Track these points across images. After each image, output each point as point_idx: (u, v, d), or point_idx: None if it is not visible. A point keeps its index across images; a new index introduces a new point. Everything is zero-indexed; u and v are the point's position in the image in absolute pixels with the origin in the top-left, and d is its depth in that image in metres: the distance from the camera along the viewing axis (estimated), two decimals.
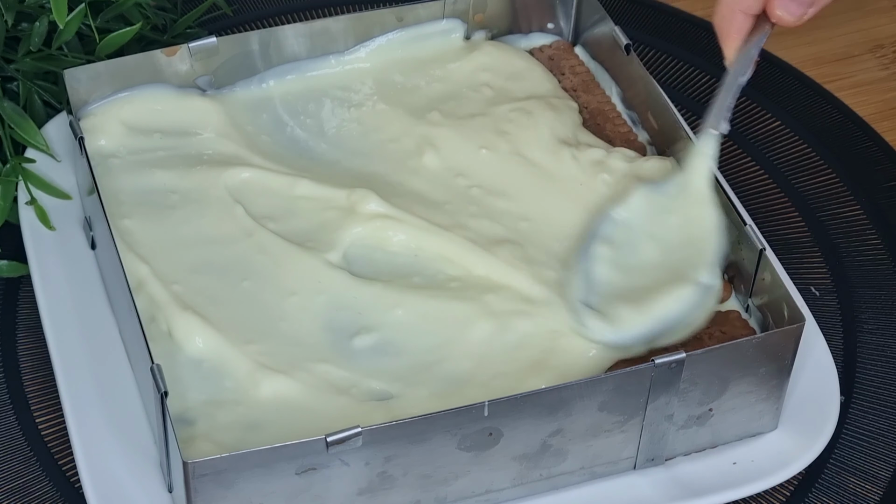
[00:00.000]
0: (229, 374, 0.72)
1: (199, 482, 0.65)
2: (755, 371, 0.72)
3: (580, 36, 0.89)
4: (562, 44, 0.90)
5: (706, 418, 0.73)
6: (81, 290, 0.78)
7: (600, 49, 0.87)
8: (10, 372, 0.79)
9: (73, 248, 0.80)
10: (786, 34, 0.99)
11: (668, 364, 0.69)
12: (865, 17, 1.01)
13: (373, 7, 0.89)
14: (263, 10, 0.98)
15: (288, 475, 0.66)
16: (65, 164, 0.84)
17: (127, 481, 0.71)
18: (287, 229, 0.78)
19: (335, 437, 0.65)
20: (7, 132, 0.84)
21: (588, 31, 0.88)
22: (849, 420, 0.79)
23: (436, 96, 0.85)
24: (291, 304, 0.75)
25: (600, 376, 0.69)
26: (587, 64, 0.88)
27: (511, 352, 0.73)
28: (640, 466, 0.73)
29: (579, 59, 0.89)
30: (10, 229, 0.83)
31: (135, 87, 0.82)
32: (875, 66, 0.98)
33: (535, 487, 0.72)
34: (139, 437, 0.73)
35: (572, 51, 0.89)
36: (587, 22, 0.88)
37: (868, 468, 0.77)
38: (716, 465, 0.74)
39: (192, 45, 0.82)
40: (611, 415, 0.70)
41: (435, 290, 0.75)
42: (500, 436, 0.69)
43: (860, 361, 0.81)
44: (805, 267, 0.85)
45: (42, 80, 0.87)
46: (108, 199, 0.77)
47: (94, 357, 0.76)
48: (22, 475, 0.75)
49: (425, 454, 0.68)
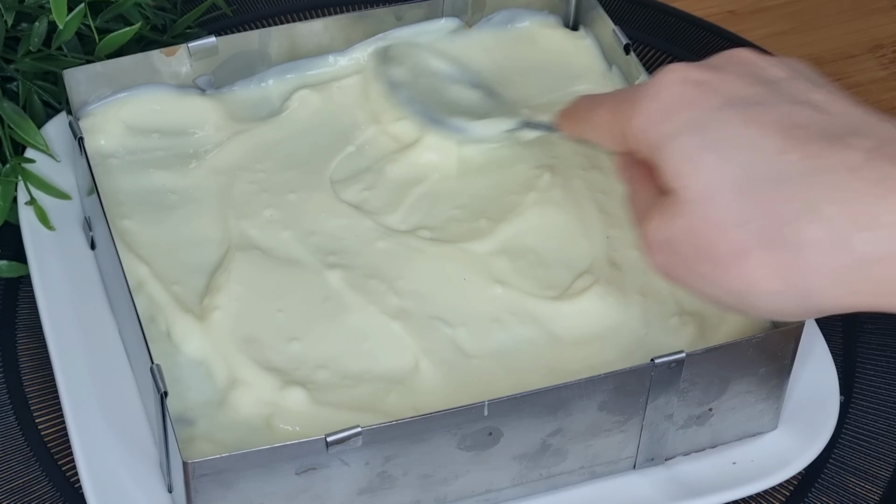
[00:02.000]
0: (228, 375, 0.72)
1: (198, 482, 0.65)
2: (755, 371, 0.72)
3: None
4: None
5: (706, 418, 0.73)
6: (81, 290, 0.78)
7: (599, 49, 0.87)
8: (10, 372, 0.79)
9: (73, 249, 0.80)
10: (785, 34, 0.99)
11: (668, 364, 0.69)
12: (865, 17, 1.01)
13: (372, 6, 0.89)
14: (263, 10, 0.98)
15: (288, 475, 0.66)
16: (64, 164, 0.84)
17: (127, 481, 0.71)
18: (288, 230, 0.78)
19: (335, 436, 0.65)
20: (7, 132, 0.84)
21: (587, 31, 0.88)
22: (848, 420, 0.79)
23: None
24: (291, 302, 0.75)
25: (600, 375, 0.69)
26: None
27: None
28: (639, 466, 0.73)
29: None
30: (9, 229, 0.83)
31: (134, 88, 0.82)
32: (875, 66, 0.98)
33: (534, 487, 0.72)
34: (139, 438, 0.73)
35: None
36: (586, 21, 0.88)
37: (868, 468, 0.77)
38: (716, 465, 0.74)
39: (192, 45, 0.82)
40: (611, 414, 0.70)
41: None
42: (500, 435, 0.69)
43: (860, 361, 0.81)
44: None
45: (42, 80, 0.87)
46: (107, 200, 0.77)
47: (93, 357, 0.76)
48: (21, 475, 0.75)
49: (425, 454, 0.68)
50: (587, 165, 0.81)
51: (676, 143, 0.60)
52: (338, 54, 0.86)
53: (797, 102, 0.60)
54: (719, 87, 0.61)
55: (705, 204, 0.59)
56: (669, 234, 0.60)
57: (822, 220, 0.56)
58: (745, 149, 0.58)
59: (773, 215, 0.57)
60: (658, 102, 0.61)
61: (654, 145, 0.61)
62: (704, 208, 0.59)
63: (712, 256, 0.59)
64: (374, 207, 0.79)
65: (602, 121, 0.65)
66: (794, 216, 0.57)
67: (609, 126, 0.65)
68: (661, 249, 0.61)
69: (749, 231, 0.58)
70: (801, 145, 0.58)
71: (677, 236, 0.60)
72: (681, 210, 0.60)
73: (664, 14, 0.99)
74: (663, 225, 0.61)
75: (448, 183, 0.80)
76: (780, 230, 0.57)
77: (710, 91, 0.61)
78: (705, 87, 0.61)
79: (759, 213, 0.57)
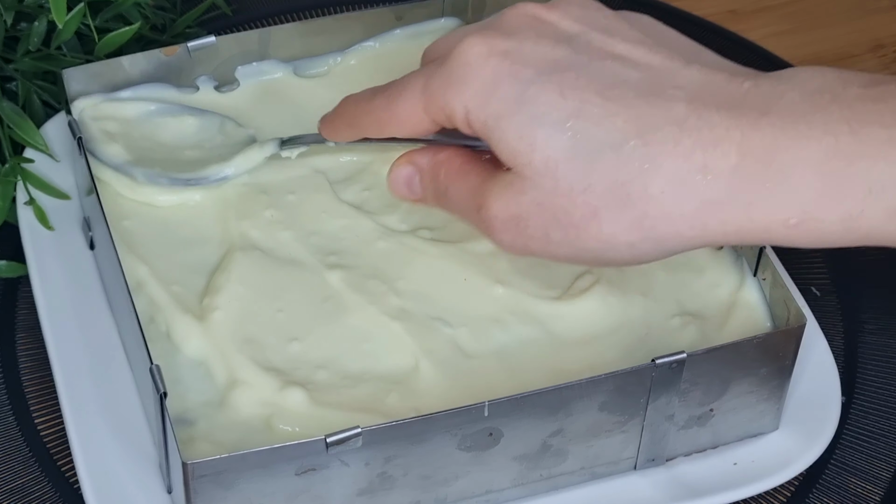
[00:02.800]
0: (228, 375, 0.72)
1: (198, 483, 0.65)
2: (756, 371, 0.72)
3: None
4: None
5: (707, 418, 0.73)
6: (80, 290, 0.78)
7: None
8: (9, 372, 0.79)
9: (72, 249, 0.80)
10: (786, 34, 0.99)
11: (669, 364, 0.69)
12: (866, 17, 1.01)
13: (372, 6, 0.89)
14: (263, 10, 0.98)
15: (288, 476, 0.66)
16: (64, 164, 0.84)
17: (126, 482, 0.71)
18: (288, 230, 0.78)
19: (335, 437, 0.65)
20: (6, 132, 0.84)
21: None
22: (850, 420, 0.79)
23: None
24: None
25: (601, 376, 0.68)
26: None
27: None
28: (640, 467, 0.73)
29: None
30: (8, 229, 0.83)
31: (134, 87, 0.82)
32: (876, 65, 0.98)
33: (535, 488, 0.72)
34: (138, 438, 0.72)
35: None
36: None
37: (869, 469, 0.77)
38: (717, 466, 0.74)
39: (192, 44, 0.82)
40: (611, 415, 0.70)
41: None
42: (501, 436, 0.69)
43: (861, 362, 0.81)
44: (805, 267, 0.85)
45: (41, 79, 0.87)
46: (106, 200, 0.77)
47: (93, 358, 0.75)
48: (21, 476, 0.75)
49: (425, 454, 0.68)
50: None
51: (506, 123, 0.62)
52: (338, 54, 0.86)
53: (603, 58, 0.62)
54: (526, 55, 0.62)
55: (549, 176, 0.61)
56: (517, 210, 0.63)
57: (661, 175, 0.59)
58: (571, 118, 0.61)
59: (616, 176, 0.60)
60: (474, 84, 0.63)
61: (482, 128, 0.63)
62: (549, 180, 0.61)
63: (566, 223, 0.61)
64: (375, 207, 0.79)
65: (402, 110, 0.66)
66: (635, 174, 0.60)
67: (411, 115, 0.65)
68: (508, 227, 0.63)
69: (597, 194, 0.60)
70: (622, 107, 0.60)
71: (526, 210, 0.62)
72: (526, 185, 0.62)
73: (665, 14, 0.99)
74: (510, 202, 0.63)
75: None
76: (625, 189, 0.60)
77: (520, 62, 0.62)
78: (513, 58, 0.62)
79: (602, 177, 0.60)
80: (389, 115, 0.66)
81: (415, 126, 0.66)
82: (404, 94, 0.65)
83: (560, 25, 0.64)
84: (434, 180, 0.68)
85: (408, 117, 0.66)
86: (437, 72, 0.64)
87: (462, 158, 0.67)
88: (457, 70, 0.63)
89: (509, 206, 0.63)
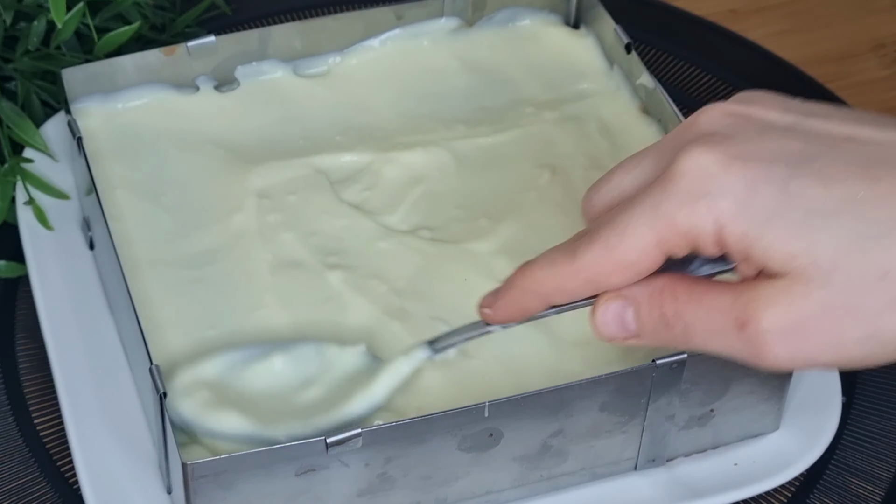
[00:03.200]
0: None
1: (198, 483, 0.65)
2: (756, 372, 0.72)
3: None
4: None
5: (707, 419, 0.73)
6: (80, 290, 0.78)
7: (601, 47, 0.87)
8: (9, 373, 0.79)
9: (72, 249, 0.80)
10: (786, 33, 0.99)
11: (670, 364, 0.69)
12: (867, 17, 1.01)
13: (371, 6, 0.89)
14: (262, 10, 0.98)
15: (288, 476, 0.66)
16: (63, 163, 0.84)
17: (126, 483, 0.71)
18: (289, 231, 0.78)
19: (335, 438, 0.65)
20: (5, 132, 0.83)
21: (588, 30, 0.88)
22: (850, 421, 0.79)
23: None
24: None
25: (601, 376, 0.68)
26: None
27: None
28: (641, 467, 0.73)
29: None
30: (8, 229, 0.83)
31: (133, 87, 0.82)
32: (877, 65, 0.98)
33: (535, 488, 0.72)
34: (138, 439, 0.72)
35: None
36: (587, 20, 0.87)
37: (870, 469, 0.77)
38: (717, 466, 0.74)
39: (191, 44, 0.82)
40: (612, 415, 0.70)
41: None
42: (501, 436, 0.68)
43: None
44: None
45: (40, 79, 0.87)
46: (106, 200, 0.77)
47: (92, 358, 0.75)
48: (20, 476, 0.75)
49: (425, 455, 0.68)
50: (588, 165, 0.81)
51: (775, 227, 0.56)
52: (337, 54, 0.86)
53: (836, 141, 0.57)
54: (764, 154, 0.57)
55: (839, 271, 0.56)
56: (800, 317, 0.56)
57: None
58: (846, 207, 0.56)
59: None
60: (726, 195, 0.57)
61: (741, 240, 0.57)
62: (840, 275, 0.56)
63: (863, 318, 0.56)
64: (375, 207, 0.79)
65: (631, 251, 0.58)
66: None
67: (642, 253, 0.58)
68: (788, 339, 0.56)
69: (891, 279, 0.55)
70: (891, 186, 0.55)
71: (812, 315, 0.56)
72: (810, 287, 0.56)
73: (665, 13, 0.99)
74: (789, 310, 0.56)
75: (448, 182, 0.80)
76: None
77: (765, 161, 0.57)
78: (754, 159, 0.57)
79: (888, 262, 0.55)
80: (612, 264, 0.58)
81: (647, 266, 0.58)
82: (629, 232, 0.58)
83: (770, 118, 0.58)
84: (658, 309, 0.59)
85: (638, 257, 0.58)
86: (665, 196, 0.57)
87: (686, 282, 0.59)
88: (696, 186, 0.56)
89: (789, 315, 0.56)
